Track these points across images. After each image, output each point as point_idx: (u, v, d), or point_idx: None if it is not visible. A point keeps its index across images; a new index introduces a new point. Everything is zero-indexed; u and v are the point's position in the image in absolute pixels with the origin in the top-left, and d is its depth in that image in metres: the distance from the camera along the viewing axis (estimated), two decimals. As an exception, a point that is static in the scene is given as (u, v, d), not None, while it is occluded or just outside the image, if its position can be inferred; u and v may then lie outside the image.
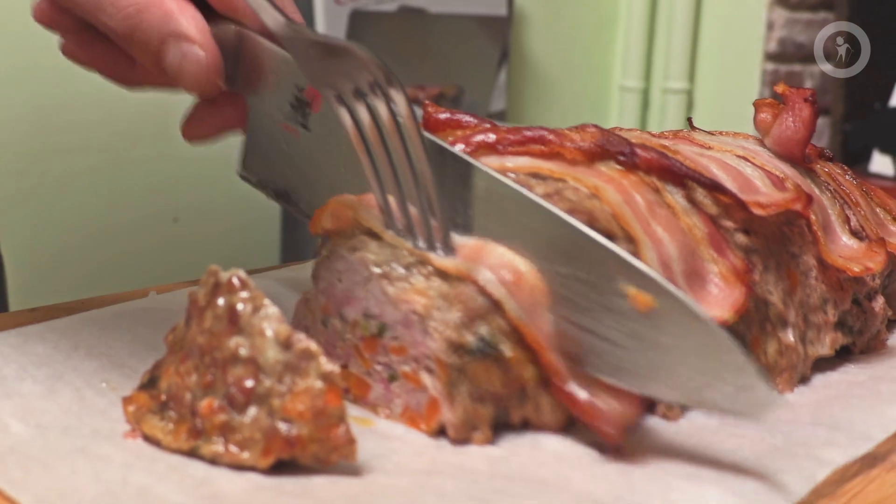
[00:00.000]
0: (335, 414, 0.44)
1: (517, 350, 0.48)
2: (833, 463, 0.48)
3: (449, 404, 0.48)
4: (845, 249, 0.63)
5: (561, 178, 0.54)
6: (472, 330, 0.48)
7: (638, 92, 2.05)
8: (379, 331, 0.50)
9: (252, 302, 0.46)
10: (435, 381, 0.48)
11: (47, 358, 0.54)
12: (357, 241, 0.51)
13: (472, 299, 0.48)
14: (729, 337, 0.45)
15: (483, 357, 0.48)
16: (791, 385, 0.59)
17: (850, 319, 0.64)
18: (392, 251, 0.50)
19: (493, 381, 0.48)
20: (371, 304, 0.50)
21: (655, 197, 0.55)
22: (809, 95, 0.64)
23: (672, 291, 0.46)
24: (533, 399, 0.50)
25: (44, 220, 1.44)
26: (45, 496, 0.41)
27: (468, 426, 0.49)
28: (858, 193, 0.69)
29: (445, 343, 0.48)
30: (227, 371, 0.45)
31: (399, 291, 0.49)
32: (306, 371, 0.44)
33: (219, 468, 0.44)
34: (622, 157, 0.55)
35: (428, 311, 0.48)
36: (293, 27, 0.49)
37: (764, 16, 1.94)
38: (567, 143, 0.55)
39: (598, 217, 0.53)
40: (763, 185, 0.60)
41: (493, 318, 0.48)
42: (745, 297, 0.53)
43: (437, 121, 0.59)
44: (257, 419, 0.44)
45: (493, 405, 0.49)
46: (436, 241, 0.49)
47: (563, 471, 0.46)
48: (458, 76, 1.79)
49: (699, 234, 0.55)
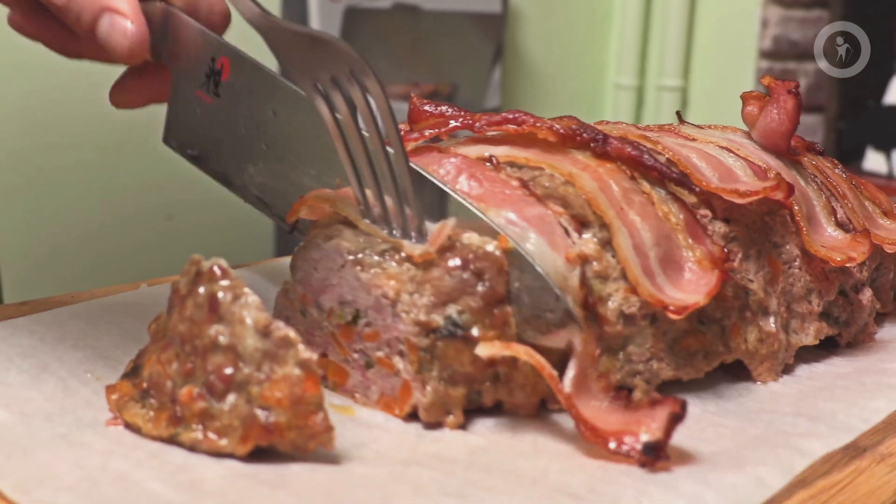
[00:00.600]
0: (313, 401, 0.44)
1: (487, 330, 0.48)
2: (813, 454, 0.48)
3: (420, 387, 0.49)
4: (829, 240, 0.63)
5: (538, 165, 0.55)
6: (441, 312, 0.48)
7: (632, 89, 2.06)
8: (353, 318, 0.51)
9: (232, 290, 0.46)
10: (406, 365, 0.49)
11: (33, 349, 0.55)
12: (333, 229, 0.52)
13: (442, 281, 0.48)
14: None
15: (452, 338, 0.48)
16: (774, 374, 0.59)
17: (836, 311, 0.64)
18: (367, 239, 0.51)
19: (463, 363, 0.49)
20: (345, 291, 0.51)
21: (631, 184, 0.55)
22: (793, 87, 0.64)
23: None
24: (505, 381, 0.50)
25: (37, 217, 1.44)
26: (24, 482, 0.41)
27: (440, 409, 0.49)
28: (846, 186, 0.69)
29: (415, 325, 0.48)
30: (206, 359, 0.45)
31: (371, 277, 0.50)
32: (284, 359, 0.44)
33: (198, 455, 0.44)
34: (594, 145, 0.56)
35: (398, 294, 0.49)
36: (269, 18, 0.51)
37: (758, 13, 1.94)
38: (540, 125, 0.56)
39: (572, 203, 0.53)
40: (744, 175, 0.60)
41: (463, 299, 0.48)
42: (719, 282, 0.53)
43: (420, 111, 0.61)
44: (236, 406, 0.44)
45: (464, 387, 0.49)
46: (410, 228, 0.50)
47: (541, 462, 0.46)
48: (452, 73, 1.79)
49: (675, 221, 0.55)
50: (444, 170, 0.53)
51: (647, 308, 0.53)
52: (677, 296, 0.53)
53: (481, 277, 0.49)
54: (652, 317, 0.53)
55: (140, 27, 0.53)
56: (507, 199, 0.52)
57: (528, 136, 0.57)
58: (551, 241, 0.51)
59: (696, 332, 0.55)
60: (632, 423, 0.47)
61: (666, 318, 0.53)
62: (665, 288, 0.53)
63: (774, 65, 1.95)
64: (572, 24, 2.06)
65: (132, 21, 0.53)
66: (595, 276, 0.52)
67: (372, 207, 0.51)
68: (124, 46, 0.53)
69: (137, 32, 0.53)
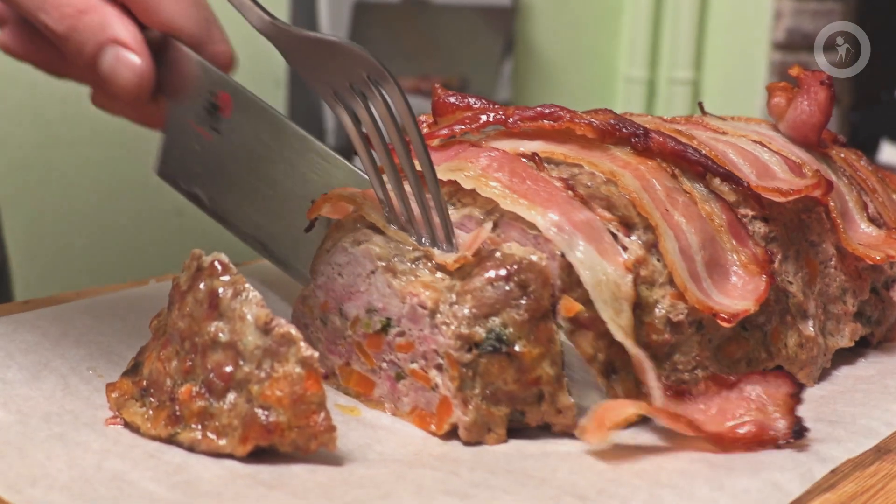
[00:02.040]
0: (314, 400, 0.42)
1: (531, 346, 0.46)
2: (832, 459, 0.46)
3: (462, 405, 0.46)
4: (864, 237, 0.61)
5: (576, 162, 0.52)
6: (484, 324, 0.45)
7: (644, 82, 2.04)
8: (383, 327, 0.48)
9: (233, 286, 0.44)
10: (446, 380, 0.46)
11: (35, 345, 0.53)
12: (361, 234, 0.49)
13: (484, 292, 0.46)
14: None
15: (496, 354, 0.45)
16: (811, 379, 0.56)
17: (869, 309, 0.62)
18: (396, 245, 0.48)
19: (507, 380, 0.46)
20: (374, 299, 0.48)
21: (674, 183, 0.53)
22: (826, 78, 0.62)
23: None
24: (550, 399, 0.47)
25: (48, 214, 1.44)
26: (16, 481, 0.40)
27: (482, 428, 0.46)
28: (875, 180, 0.67)
29: (456, 339, 0.45)
30: (206, 356, 0.44)
31: (405, 284, 0.47)
32: (285, 356, 0.42)
33: (197, 456, 0.43)
34: (635, 140, 0.53)
35: (436, 304, 0.46)
36: (278, 25, 0.49)
37: (771, 5, 1.92)
38: (578, 120, 0.53)
39: (616, 204, 0.51)
40: (781, 171, 0.58)
41: (506, 312, 0.46)
42: (767, 287, 0.51)
43: (445, 104, 0.57)
44: (235, 405, 0.43)
45: (507, 406, 0.46)
46: (438, 237, 0.48)
47: (550, 462, 0.44)
48: (462, 67, 1.77)
49: (718, 223, 0.53)
50: (483, 163, 0.51)
51: (695, 315, 0.50)
52: (725, 301, 0.51)
53: (525, 289, 0.46)
54: (698, 324, 0.51)
55: (147, 61, 0.51)
56: (551, 200, 0.49)
57: (563, 131, 0.54)
58: (600, 248, 0.48)
59: (740, 339, 0.53)
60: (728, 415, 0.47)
61: (712, 324, 0.51)
62: (712, 293, 0.51)
63: (787, 57, 1.93)
64: (583, 17, 2.04)
65: (139, 54, 0.51)
66: (642, 282, 0.49)
67: (399, 214, 0.49)
68: (132, 83, 0.51)
69: (145, 67, 0.51)
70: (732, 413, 0.47)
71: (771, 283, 0.52)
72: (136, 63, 0.51)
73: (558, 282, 0.48)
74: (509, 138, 0.55)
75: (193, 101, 0.55)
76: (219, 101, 0.55)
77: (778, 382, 0.47)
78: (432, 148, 0.54)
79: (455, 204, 0.52)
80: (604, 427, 0.45)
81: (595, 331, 0.48)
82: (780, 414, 0.46)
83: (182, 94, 0.55)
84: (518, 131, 0.55)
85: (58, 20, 0.51)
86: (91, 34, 0.51)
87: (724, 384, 0.48)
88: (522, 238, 0.49)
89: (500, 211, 0.50)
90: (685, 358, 0.51)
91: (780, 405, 0.47)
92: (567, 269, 0.48)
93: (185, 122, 0.56)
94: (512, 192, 0.49)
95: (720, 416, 0.47)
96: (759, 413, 0.47)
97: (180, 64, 0.54)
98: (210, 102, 0.55)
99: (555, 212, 0.48)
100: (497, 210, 0.50)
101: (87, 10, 0.51)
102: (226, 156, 0.56)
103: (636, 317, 0.49)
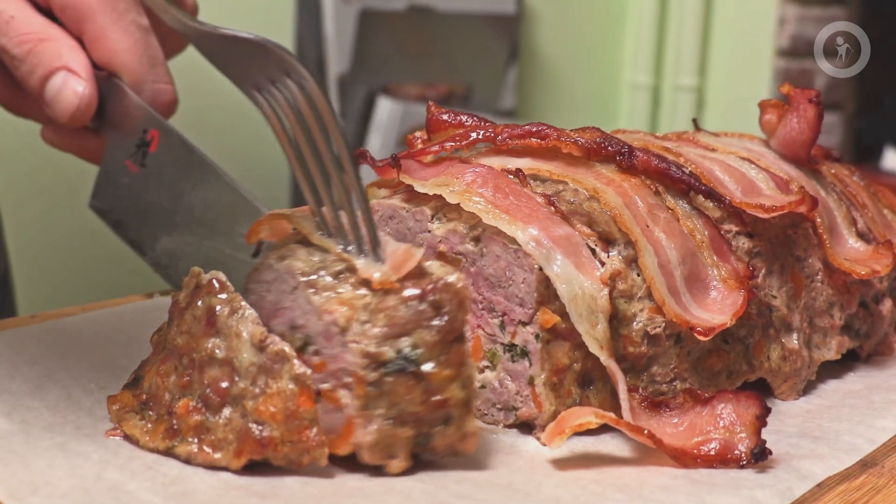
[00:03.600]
0: (307, 416, 0.43)
1: (441, 367, 0.45)
2: (813, 477, 0.47)
3: (364, 424, 0.44)
4: (851, 252, 0.62)
5: (561, 179, 0.54)
6: (393, 344, 0.44)
7: (648, 88, 2.04)
8: (302, 345, 0.46)
9: (229, 304, 0.45)
10: (352, 399, 0.45)
11: (40, 357, 0.54)
12: (286, 249, 0.48)
13: (397, 311, 0.45)
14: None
15: (403, 373, 0.44)
16: (796, 392, 0.57)
17: (857, 323, 0.63)
18: (322, 258, 0.47)
19: (413, 401, 0.44)
20: (297, 315, 0.47)
21: (656, 200, 0.54)
22: (814, 96, 0.62)
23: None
24: (458, 423, 0.45)
25: (54, 223, 1.45)
26: (18, 489, 0.41)
27: (384, 450, 0.45)
28: (866, 195, 0.68)
29: (363, 357, 0.44)
30: (203, 372, 0.45)
31: (324, 301, 0.45)
32: (279, 373, 0.44)
33: (194, 468, 0.44)
34: (620, 158, 0.54)
35: (349, 322, 0.45)
36: (193, 25, 0.50)
37: (775, 11, 1.92)
38: (564, 139, 0.55)
39: (598, 219, 0.52)
40: (767, 188, 0.59)
41: (417, 332, 0.45)
42: (745, 302, 0.52)
43: (438, 121, 0.58)
44: (231, 420, 0.44)
45: (413, 428, 0.45)
46: (364, 245, 0.46)
47: (536, 476, 0.45)
48: (466, 74, 1.78)
49: (700, 238, 0.54)
50: (468, 178, 0.52)
51: (672, 328, 0.52)
52: (703, 316, 0.52)
53: (440, 310, 0.45)
54: (676, 337, 0.52)
55: (91, 90, 0.55)
56: (532, 216, 0.50)
57: (550, 149, 0.55)
58: (578, 262, 0.50)
59: (720, 351, 0.54)
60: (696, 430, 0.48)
61: (690, 337, 0.52)
62: (691, 307, 0.52)
63: (792, 63, 1.93)
64: (587, 24, 2.04)
65: (85, 82, 0.55)
66: (620, 296, 0.51)
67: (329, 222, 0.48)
68: (72, 105, 0.55)
69: (87, 95, 0.55)
70: (702, 429, 0.48)
71: (750, 297, 0.53)
72: (80, 90, 0.55)
73: (535, 294, 0.49)
74: (498, 155, 0.56)
75: (127, 138, 0.58)
76: (148, 135, 0.58)
77: (748, 403, 0.48)
78: (424, 164, 0.55)
79: (441, 219, 0.53)
80: (562, 432, 0.46)
81: (572, 342, 0.49)
82: (746, 434, 0.47)
83: (118, 130, 0.58)
84: (507, 148, 0.56)
85: (17, 44, 0.55)
86: (46, 59, 0.55)
87: (698, 399, 0.49)
88: (504, 252, 0.50)
89: (483, 226, 0.51)
90: (664, 370, 0.52)
91: (748, 425, 0.48)
92: (545, 283, 0.49)
93: (117, 157, 0.59)
94: (495, 208, 0.50)
95: (689, 432, 0.48)
96: (727, 432, 0.48)
97: (122, 103, 0.58)
98: (140, 139, 0.58)
99: (535, 227, 0.50)
100: (480, 225, 0.51)
101: (46, 39, 0.55)
102: (148, 187, 0.59)
103: (613, 329, 0.50)
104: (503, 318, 0.51)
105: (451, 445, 0.45)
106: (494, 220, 0.50)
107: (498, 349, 0.51)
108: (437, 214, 0.53)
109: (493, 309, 0.51)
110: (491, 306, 0.51)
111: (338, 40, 1.62)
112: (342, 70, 1.61)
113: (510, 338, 0.51)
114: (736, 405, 0.48)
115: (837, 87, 1.96)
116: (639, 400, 0.49)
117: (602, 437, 0.50)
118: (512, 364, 0.51)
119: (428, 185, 0.53)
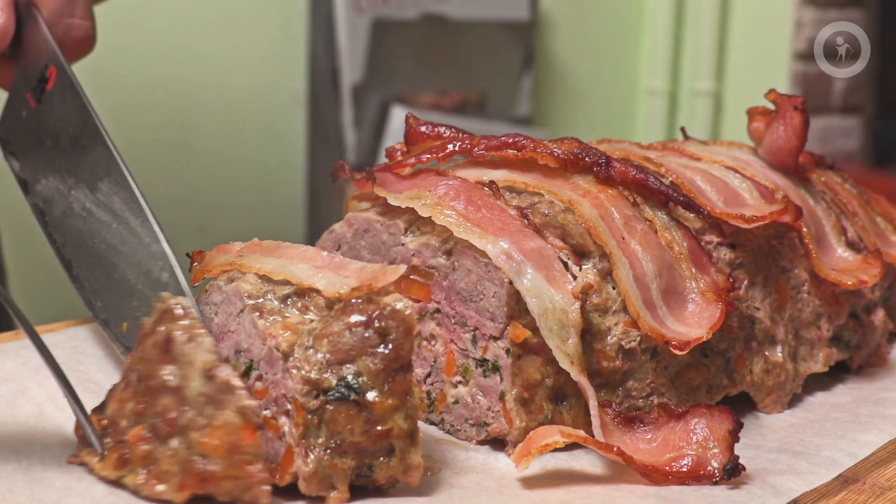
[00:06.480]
0: (250, 451, 0.42)
1: (384, 396, 0.43)
2: (789, 492, 0.46)
3: (304, 454, 0.43)
4: (839, 262, 0.60)
5: (537, 191, 0.53)
6: (336, 371, 0.43)
7: (665, 94, 2.02)
8: (246, 369, 0.46)
9: (189, 331, 0.45)
10: (291, 427, 0.43)
11: (15, 373, 0.54)
12: (235, 272, 0.48)
13: (341, 337, 0.43)
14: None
15: (344, 402, 0.43)
16: (780, 405, 0.56)
17: (847, 334, 0.61)
18: (271, 282, 0.47)
19: (354, 431, 0.43)
20: (242, 339, 0.46)
21: (634, 211, 0.53)
22: (800, 104, 0.61)
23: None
24: (401, 455, 0.44)
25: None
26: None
27: (323, 481, 0.43)
28: (857, 203, 0.66)
29: (304, 383, 0.43)
30: (156, 400, 0.44)
31: (269, 325, 0.45)
32: (225, 404, 0.43)
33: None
34: (597, 169, 0.54)
35: (291, 347, 0.44)
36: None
37: (792, 14, 1.90)
38: (541, 150, 0.54)
39: (572, 232, 0.51)
40: (750, 197, 0.58)
41: (361, 360, 0.43)
42: (722, 315, 0.51)
43: (416, 133, 0.58)
44: (177, 452, 0.43)
45: (354, 459, 0.44)
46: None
47: (503, 499, 0.45)
48: (481, 82, 1.78)
49: (679, 250, 0.53)
50: (441, 191, 0.52)
51: (648, 342, 0.51)
52: (680, 329, 0.51)
53: (385, 338, 0.44)
54: (653, 351, 0.51)
55: (9, 20, 0.57)
56: (504, 229, 0.50)
57: (527, 160, 0.55)
58: (549, 276, 0.49)
59: (699, 366, 0.53)
60: (670, 446, 0.47)
61: (667, 351, 0.51)
62: (667, 321, 0.51)
63: (809, 66, 1.91)
64: (603, 30, 2.03)
65: (3, 11, 0.56)
66: (594, 309, 0.50)
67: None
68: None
69: (6, 23, 0.56)
70: (675, 445, 0.47)
71: (728, 310, 0.52)
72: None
73: (505, 308, 0.49)
74: (476, 167, 0.56)
75: (32, 71, 0.59)
76: (48, 73, 0.59)
77: (721, 418, 0.47)
78: (401, 177, 0.55)
79: (415, 232, 0.53)
80: (528, 453, 0.46)
81: (544, 356, 0.49)
82: (719, 450, 0.47)
83: (26, 62, 0.60)
84: (484, 160, 0.56)
85: None
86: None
87: (672, 415, 0.48)
88: (475, 266, 0.50)
89: (455, 239, 0.51)
90: (639, 385, 0.51)
91: (720, 441, 0.47)
92: (515, 297, 0.49)
93: (21, 88, 0.60)
94: (466, 221, 0.50)
95: (662, 447, 0.47)
96: (700, 448, 0.47)
97: (33, 34, 0.59)
98: (42, 74, 0.59)
99: (506, 240, 0.49)
100: (452, 238, 0.51)
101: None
102: (43, 126, 0.59)
103: (587, 343, 0.49)
104: (475, 333, 0.51)
105: (393, 477, 0.44)
106: (466, 233, 0.50)
107: (470, 364, 0.51)
108: (411, 228, 0.53)
109: (465, 323, 0.51)
110: (463, 321, 0.51)
111: (351, 50, 1.62)
112: (356, 79, 1.62)
113: (482, 353, 0.50)
114: (709, 420, 0.47)
115: (857, 91, 1.93)
116: (612, 416, 0.49)
117: (576, 452, 0.50)
118: (484, 379, 0.50)
119: (401, 199, 0.53)
